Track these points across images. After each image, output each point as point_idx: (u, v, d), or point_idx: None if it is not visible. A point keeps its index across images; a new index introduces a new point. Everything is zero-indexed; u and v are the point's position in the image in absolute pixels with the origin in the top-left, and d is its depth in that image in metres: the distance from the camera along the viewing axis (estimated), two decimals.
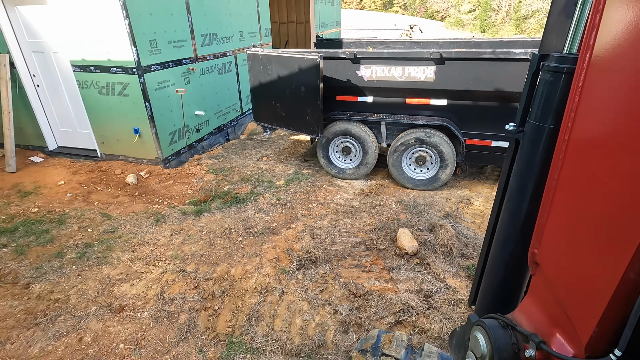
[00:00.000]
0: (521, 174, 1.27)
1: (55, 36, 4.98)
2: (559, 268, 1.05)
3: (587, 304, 0.89)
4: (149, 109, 4.98)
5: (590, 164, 0.93)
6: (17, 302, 2.95)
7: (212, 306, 2.91)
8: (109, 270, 3.33)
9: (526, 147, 1.24)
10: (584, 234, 0.94)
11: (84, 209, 4.37)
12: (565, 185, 1.02)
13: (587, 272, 0.92)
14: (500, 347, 1.11)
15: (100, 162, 5.57)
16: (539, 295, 1.16)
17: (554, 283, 1.06)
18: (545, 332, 1.07)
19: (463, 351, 1.42)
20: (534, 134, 1.19)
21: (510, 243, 1.36)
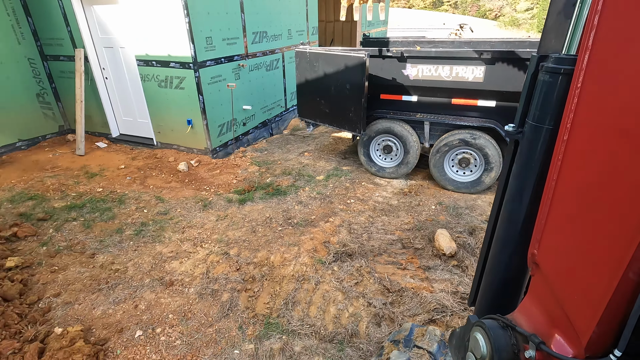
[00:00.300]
0: (520, 175, 1.27)
1: (124, 33, 5.46)
2: (558, 268, 1.05)
3: (587, 305, 0.89)
4: (202, 102, 5.31)
5: (589, 164, 0.93)
6: (84, 269, 3.32)
7: (252, 288, 3.09)
8: (161, 247, 3.63)
9: (525, 147, 1.24)
10: (584, 235, 0.94)
11: (141, 191, 4.77)
12: (565, 185, 1.02)
13: (586, 272, 0.91)
14: (500, 347, 1.11)
15: (155, 150, 6.03)
16: (538, 296, 1.16)
17: (554, 283, 1.06)
18: (545, 332, 1.06)
19: (463, 352, 1.43)
20: (533, 134, 1.19)
21: (510, 243, 1.36)
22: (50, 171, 5.33)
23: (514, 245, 1.34)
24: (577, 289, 0.95)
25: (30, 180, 5.03)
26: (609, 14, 0.87)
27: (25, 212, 4.22)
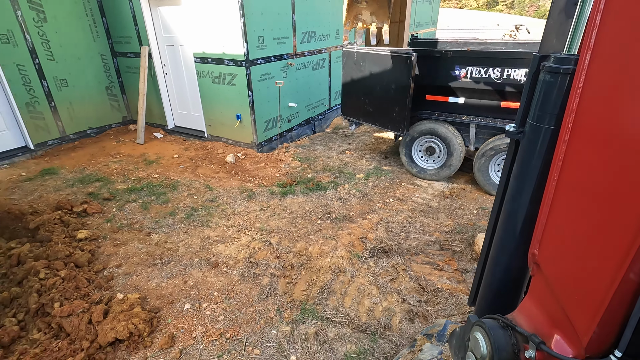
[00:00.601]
0: (521, 175, 1.26)
1: (184, 32, 5.88)
2: (559, 269, 1.04)
3: (588, 305, 0.88)
4: (251, 98, 5.58)
5: (590, 164, 0.92)
6: (141, 245, 3.67)
7: (290, 275, 3.24)
8: (209, 231, 3.90)
9: (526, 147, 1.22)
10: (585, 235, 0.93)
11: (192, 179, 5.12)
12: (565, 185, 1.01)
13: (587, 273, 0.90)
14: (500, 347, 1.11)
15: (206, 142, 6.43)
16: (538, 296, 1.15)
17: (554, 284, 1.05)
18: (545, 332, 1.06)
19: (463, 352, 1.42)
20: (534, 134, 1.18)
21: (510, 243, 1.35)
22: (114, 157, 5.88)
23: (514, 246, 1.33)
24: (577, 289, 0.94)
25: (97, 164, 5.59)
26: (612, 13, 0.85)
27: (93, 191, 4.71)
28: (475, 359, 1.22)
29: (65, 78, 6.19)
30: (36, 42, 5.70)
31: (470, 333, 1.29)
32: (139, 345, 2.54)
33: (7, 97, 5.62)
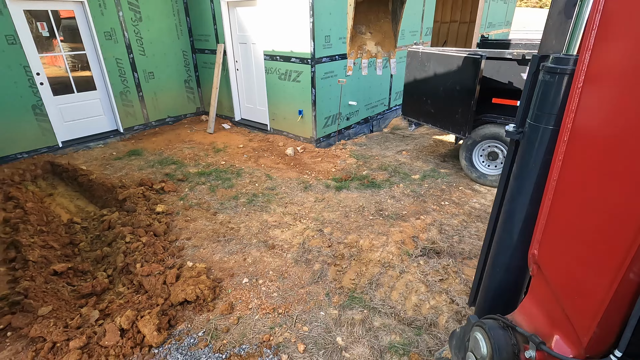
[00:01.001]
0: (521, 175, 1.24)
1: (257, 31, 6.30)
2: (558, 269, 1.02)
3: (588, 305, 0.87)
4: (314, 95, 5.81)
5: (589, 164, 0.91)
6: (208, 222, 4.06)
7: (340, 264, 3.38)
8: (267, 216, 4.19)
9: (525, 147, 1.21)
10: (584, 235, 0.92)
11: (254, 168, 5.50)
12: (565, 186, 1.00)
13: (587, 273, 0.90)
14: (500, 347, 1.11)
15: (268, 135, 6.81)
16: (538, 296, 1.14)
17: (554, 284, 1.04)
18: (545, 333, 1.05)
19: (463, 352, 1.40)
20: (533, 134, 1.16)
21: (510, 244, 1.33)
22: (187, 143, 6.50)
23: (513, 246, 1.32)
24: (577, 289, 0.93)
25: (173, 148, 6.23)
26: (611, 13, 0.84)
27: (169, 172, 5.28)
28: (475, 359, 1.22)
29: (152, 71, 6.96)
30: (132, 39, 6.50)
31: (470, 333, 1.29)
32: (203, 308, 2.86)
33: (106, 87, 6.48)
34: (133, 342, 2.52)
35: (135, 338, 2.54)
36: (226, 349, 2.52)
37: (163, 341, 2.55)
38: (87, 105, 6.40)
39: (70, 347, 2.44)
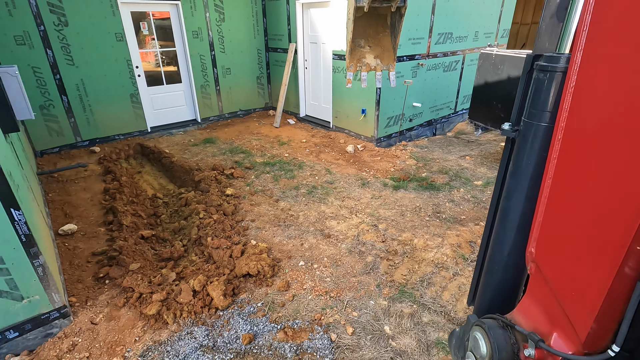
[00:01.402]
0: (516, 172, 1.25)
1: (327, 31, 6.54)
2: (555, 266, 1.02)
3: (584, 301, 0.88)
4: (378, 94, 5.89)
5: (583, 162, 0.91)
6: (270, 208, 4.38)
7: (393, 259, 3.45)
8: (325, 208, 4.39)
9: (521, 145, 1.22)
10: (579, 232, 0.92)
11: (315, 162, 5.74)
12: (560, 184, 1.00)
13: (583, 269, 0.90)
14: (500, 347, 1.11)
15: (330, 132, 7.04)
16: (537, 295, 1.13)
17: (552, 281, 1.04)
18: (544, 331, 1.05)
19: (462, 351, 1.39)
20: (528, 132, 1.17)
21: (507, 241, 1.33)
22: (255, 135, 6.98)
23: (510, 243, 1.32)
24: (574, 285, 0.94)
25: (243, 139, 6.73)
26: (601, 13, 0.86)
27: (238, 160, 5.74)
28: (475, 358, 1.22)
29: (229, 67, 7.57)
30: (215, 38, 7.14)
31: (469, 333, 1.29)
32: (262, 282, 3.14)
33: (189, 80, 7.21)
34: (203, 302, 2.87)
35: (205, 299, 2.89)
36: (281, 321, 2.75)
37: (227, 305, 2.86)
38: (172, 96, 7.19)
39: (153, 299, 2.85)
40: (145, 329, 2.68)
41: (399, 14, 3.34)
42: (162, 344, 2.56)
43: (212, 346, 2.55)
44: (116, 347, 2.53)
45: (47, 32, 5.33)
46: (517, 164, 1.25)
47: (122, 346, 2.54)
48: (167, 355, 2.48)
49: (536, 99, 1.13)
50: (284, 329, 2.67)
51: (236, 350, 2.52)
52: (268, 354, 2.49)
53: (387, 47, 3.67)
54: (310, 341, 2.59)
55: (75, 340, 2.56)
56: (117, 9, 5.85)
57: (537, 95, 1.13)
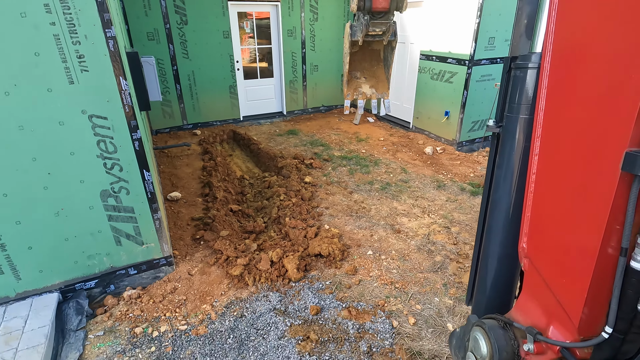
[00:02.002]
0: (502, 164, 1.32)
1: (416, 31, 6.51)
2: (546, 258, 1.06)
3: (574, 287, 0.91)
4: (465, 97, 5.71)
5: (559, 156, 0.98)
6: (344, 199, 4.59)
7: (463, 262, 3.41)
8: (397, 204, 4.45)
9: (505, 137, 1.30)
10: (564, 222, 0.97)
11: (391, 160, 5.81)
12: (543, 179, 1.06)
13: (570, 256, 0.94)
14: (500, 347, 1.11)
15: (409, 132, 7.00)
16: (533, 290, 1.16)
17: (544, 273, 1.07)
18: (542, 325, 1.07)
19: (463, 352, 1.38)
20: (510, 124, 1.27)
21: (498, 233, 1.38)
22: (335, 130, 7.27)
23: (501, 233, 1.37)
24: (564, 273, 0.97)
25: (323, 133, 7.07)
26: (562, 17, 0.95)
27: (317, 152, 6.08)
28: (475, 359, 1.21)
29: (317, 65, 7.98)
30: (307, 36, 7.59)
31: (470, 333, 1.27)
32: (332, 264, 3.36)
33: (280, 75, 7.79)
34: (278, 272, 3.20)
35: (280, 270, 3.22)
36: (346, 300, 2.94)
37: (299, 278, 3.15)
38: (264, 89, 7.84)
39: (237, 262, 3.27)
40: (229, 286, 3.09)
41: (390, 47, 3.68)
42: (242, 301, 2.94)
43: (284, 310, 2.85)
44: (206, 296, 2.98)
45: (171, 29, 6.27)
46: (502, 155, 1.34)
47: (210, 296, 2.98)
48: (246, 310, 2.84)
49: (515, 94, 1.24)
50: (349, 308, 2.86)
51: (304, 318, 2.78)
52: (332, 327, 2.70)
53: (381, 78, 4.05)
54: (372, 323, 2.73)
55: (176, 285, 3.08)
56: (226, 10, 6.60)
57: (515, 91, 1.24)
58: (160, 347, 2.53)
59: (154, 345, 2.54)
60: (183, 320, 2.75)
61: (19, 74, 2.15)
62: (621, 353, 0.91)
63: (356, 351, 2.50)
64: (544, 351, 1.06)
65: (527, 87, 1.19)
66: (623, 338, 0.88)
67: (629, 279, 0.82)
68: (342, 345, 2.55)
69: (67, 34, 2.19)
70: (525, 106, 1.21)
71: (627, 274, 0.82)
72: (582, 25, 0.89)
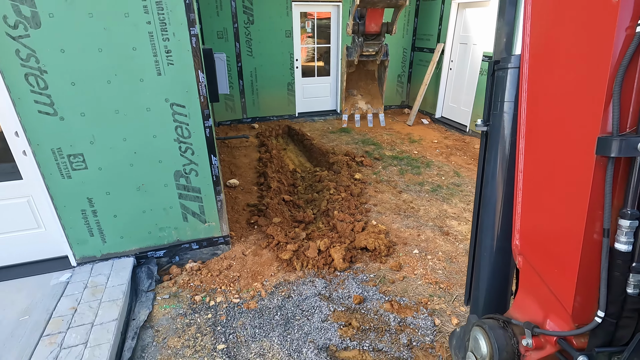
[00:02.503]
0: (491, 158, 1.39)
1: (481, 32, 6.29)
2: (538, 252, 1.09)
3: (565, 275, 0.95)
4: None
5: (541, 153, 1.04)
6: (392, 197, 4.62)
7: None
8: (447, 207, 4.39)
9: (492, 133, 1.37)
10: (552, 214, 1.01)
11: (444, 163, 5.70)
12: (529, 174, 1.11)
13: (559, 246, 0.98)
14: (500, 347, 1.12)
15: (465, 136, 6.79)
16: (529, 287, 1.18)
17: (537, 267, 1.09)
18: (539, 320, 1.09)
19: (463, 352, 1.38)
20: (496, 121, 1.34)
21: (490, 226, 1.42)
22: (387, 131, 7.26)
23: (493, 225, 1.41)
24: (555, 264, 1.00)
25: (375, 133, 7.11)
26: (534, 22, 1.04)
27: (368, 151, 6.14)
28: (475, 359, 1.21)
29: None
30: None
31: (470, 333, 1.28)
32: (377, 258, 3.44)
33: (337, 74, 7.95)
34: (324, 261, 3.35)
35: (327, 259, 3.36)
36: (389, 294, 3.01)
37: (345, 269, 3.27)
38: (320, 87, 8.05)
39: (287, 248, 3.47)
40: (279, 268, 3.31)
41: (383, 66, 4.03)
42: (290, 283, 3.13)
43: (328, 296, 2.99)
44: (258, 276, 3.22)
45: (239, 28, 6.71)
46: (491, 150, 1.41)
47: (261, 276, 3.21)
48: (293, 292, 3.03)
49: (499, 93, 1.33)
50: (391, 302, 2.92)
51: (347, 306, 2.90)
52: (374, 317, 2.79)
53: (375, 95, 4.54)
54: (414, 318, 2.77)
55: (231, 263, 3.36)
56: (290, 10, 6.90)
57: (499, 90, 1.33)
58: (215, 315, 2.80)
59: (210, 313, 2.82)
60: (236, 294, 3.01)
61: (119, 66, 2.52)
62: (616, 339, 0.91)
63: (396, 342, 2.57)
64: (543, 345, 1.07)
65: (508, 85, 1.28)
66: (616, 323, 0.89)
67: (614, 261, 0.85)
68: (383, 335, 2.63)
69: (159, 32, 2.51)
70: (508, 103, 1.30)
71: (612, 256, 0.85)
72: (549, 32, 1.00)
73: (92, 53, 2.43)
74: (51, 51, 2.34)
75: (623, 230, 0.82)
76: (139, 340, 2.56)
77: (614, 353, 0.91)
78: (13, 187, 2.77)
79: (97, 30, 2.39)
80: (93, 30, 2.38)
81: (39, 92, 2.41)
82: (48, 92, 2.43)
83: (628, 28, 0.73)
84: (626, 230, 0.82)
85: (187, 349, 2.51)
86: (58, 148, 2.60)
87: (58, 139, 2.58)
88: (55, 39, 2.33)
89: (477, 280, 1.56)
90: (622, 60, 0.73)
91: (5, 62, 2.28)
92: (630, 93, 0.76)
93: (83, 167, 2.72)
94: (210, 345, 2.53)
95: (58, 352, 2.26)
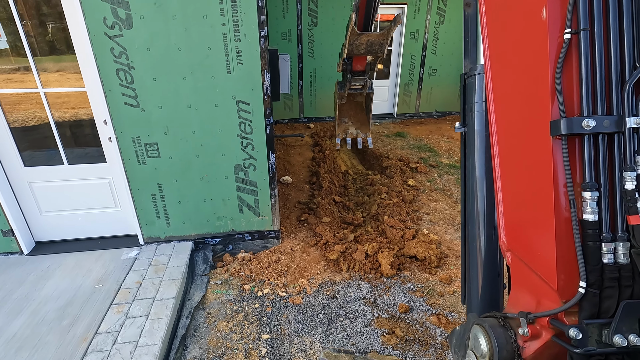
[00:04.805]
0: (470, 155, 1.50)
1: None
2: (523, 243, 1.14)
3: (546, 254, 1.02)
4: None
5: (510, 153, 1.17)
6: (447, 207, 4.44)
7: None
8: None
9: (469, 134, 1.51)
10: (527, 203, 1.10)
11: None
12: (504, 175, 1.21)
13: (538, 230, 1.05)
14: (500, 345, 1.13)
15: None
16: (520, 281, 1.21)
17: (524, 257, 1.14)
18: (533, 309, 1.12)
19: (463, 350, 1.42)
20: (472, 123, 1.49)
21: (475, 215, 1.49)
22: (446, 137, 6.99)
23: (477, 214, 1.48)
24: (537, 247, 1.06)
25: (432, 139, 6.87)
26: (491, 37, 1.22)
27: (424, 157, 5.96)
28: (475, 357, 1.23)
29: (436, 69, 7.76)
30: (429, 39, 7.44)
31: (470, 332, 1.29)
32: (426, 269, 3.33)
33: (396, 77, 7.82)
34: (371, 265, 3.32)
35: (374, 264, 3.33)
36: (437, 307, 2.90)
37: (392, 275, 3.21)
38: (377, 90, 7.93)
39: (335, 248, 3.50)
40: (325, 268, 3.34)
41: (369, 98, 5.04)
42: (335, 284, 3.15)
43: (373, 302, 2.96)
44: (304, 272, 3.28)
45: (302, 30, 6.88)
46: (469, 148, 1.52)
47: (308, 273, 3.27)
48: (338, 293, 3.04)
49: (470, 96, 1.49)
50: (439, 315, 2.81)
51: (392, 313, 2.85)
52: (419, 329, 2.71)
53: (364, 122, 5.39)
54: None
55: (280, 257, 3.47)
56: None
57: (469, 94, 1.49)
58: (262, 305, 2.91)
59: (257, 303, 2.93)
60: (283, 288, 3.10)
61: (194, 64, 2.72)
62: (603, 311, 0.96)
63: (441, 358, 2.47)
64: (539, 333, 1.09)
65: (477, 89, 1.46)
66: (600, 294, 0.94)
67: (585, 231, 0.93)
68: (428, 349, 2.54)
69: (232, 33, 2.67)
70: (479, 104, 1.46)
71: (583, 228, 0.94)
72: (502, 45, 1.17)
73: (173, 52, 2.65)
74: (139, 49, 2.60)
75: (587, 201, 0.92)
76: (192, 320, 2.75)
77: (604, 325, 0.95)
78: (99, 169, 3.13)
79: (178, 30, 2.60)
80: (175, 31, 2.60)
81: (126, 85, 2.69)
82: (133, 85, 2.70)
83: (558, 37, 0.94)
84: (589, 201, 0.92)
85: (234, 334, 2.63)
86: (137, 137, 2.88)
87: (138, 128, 2.85)
88: (143, 38, 2.58)
89: (469, 279, 1.65)
90: (557, 61, 0.93)
91: (102, 59, 2.58)
92: (572, 87, 0.94)
93: (157, 155, 2.98)
94: (256, 334, 2.64)
95: (124, 320, 2.50)
